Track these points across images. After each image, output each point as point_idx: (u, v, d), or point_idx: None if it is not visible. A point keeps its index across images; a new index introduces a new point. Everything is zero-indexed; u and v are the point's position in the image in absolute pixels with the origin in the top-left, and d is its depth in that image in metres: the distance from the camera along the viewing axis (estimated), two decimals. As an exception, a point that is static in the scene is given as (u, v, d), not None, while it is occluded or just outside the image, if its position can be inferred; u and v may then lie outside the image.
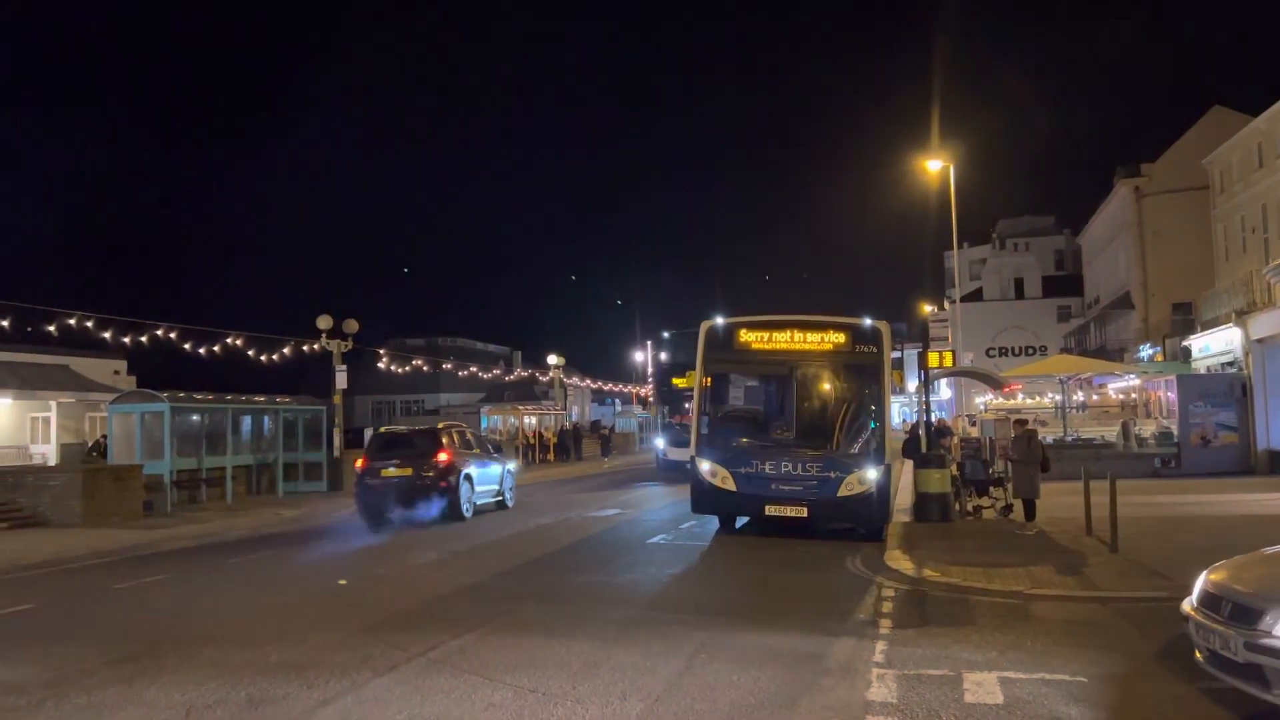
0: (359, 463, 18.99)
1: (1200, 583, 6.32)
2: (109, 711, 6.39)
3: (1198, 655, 6.07)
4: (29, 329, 24.36)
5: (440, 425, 20.58)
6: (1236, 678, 5.66)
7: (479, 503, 19.33)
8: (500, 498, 20.78)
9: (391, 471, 18.08)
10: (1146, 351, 38.47)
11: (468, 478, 18.63)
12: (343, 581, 11.52)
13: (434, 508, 17.64)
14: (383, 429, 23.40)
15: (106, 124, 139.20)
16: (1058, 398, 30.58)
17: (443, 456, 18.20)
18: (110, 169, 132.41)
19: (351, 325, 28.24)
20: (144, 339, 27.17)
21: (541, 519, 18.48)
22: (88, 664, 7.65)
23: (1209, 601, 6.03)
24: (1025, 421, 16.29)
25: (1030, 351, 56.16)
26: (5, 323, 23.37)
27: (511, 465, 22.43)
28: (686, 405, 27.05)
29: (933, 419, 21.71)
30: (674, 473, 26.41)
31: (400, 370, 45.71)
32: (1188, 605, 6.27)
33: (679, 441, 26.84)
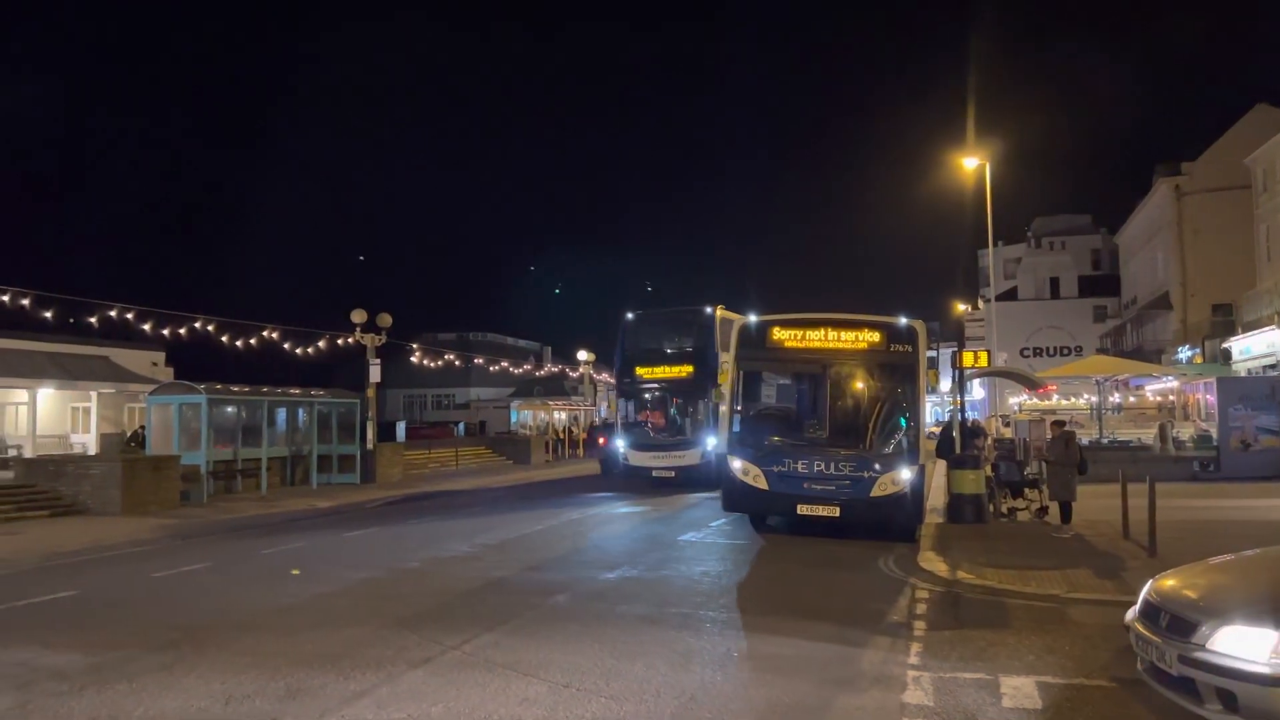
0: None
1: (1144, 592, 6.15)
2: (150, 698, 6.48)
3: (1139, 666, 5.91)
4: (71, 320, 24.79)
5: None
6: (1172, 691, 5.51)
7: None
8: None
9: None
10: (1185, 353, 37.90)
11: None
12: (375, 574, 11.62)
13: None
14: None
15: (149, 119, 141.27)
16: (1093, 399, 30.20)
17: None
18: (153, 165, 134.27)
19: (385, 319, 28.48)
20: (182, 331, 27.58)
21: (569, 514, 18.52)
22: (128, 651, 7.77)
23: (1149, 612, 5.85)
24: (1063, 423, 16.07)
25: (1065, 352, 55.54)
26: (49, 314, 23.79)
27: None
28: (647, 397, 24.75)
29: (967, 419, 21.53)
30: (637, 481, 24.04)
31: (432, 364, 46.00)
32: (1129, 615, 6.11)
33: (644, 444, 23.93)
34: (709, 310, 23.79)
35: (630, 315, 24.91)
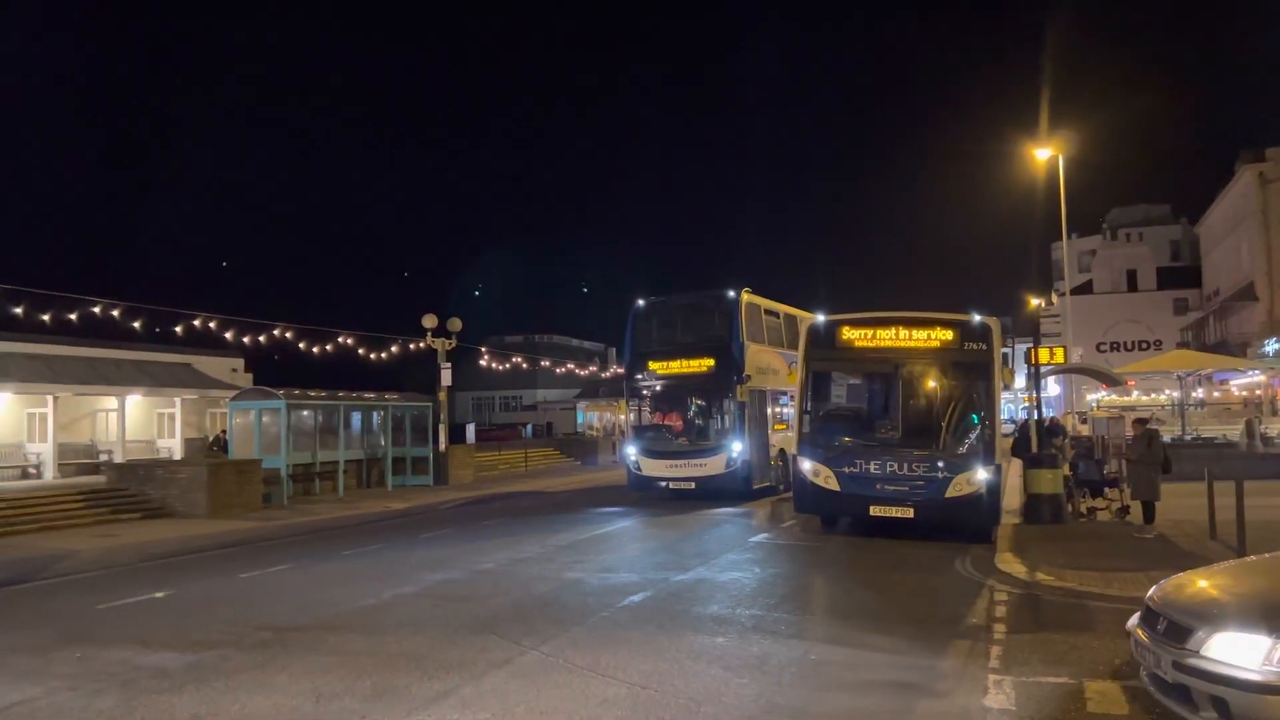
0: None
1: (1147, 597, 6.08)
2: (245, 695, 6.73)
3: (1141, 673, 5.84)
4: (157, 329, 25.74)
5: None
6: (1169, 698, 5.42)
7: None
8: None
9: None
10: (1272, 346, 36.54)
11: None
12: (452, 575, 11.84)
13: None
14: None
15: (232, 130, 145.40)
16: (1175, 394, 29.32)
17: None
18: (232, 180, 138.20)
19: (455, 324, 28.95)
20: (261, 338, 28.41)
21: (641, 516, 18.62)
22: (222, 650, 8.07)
23: (1148, 617, 5.77)
24: (1146, 420, 15.65)
25: (1144, 346, 53.93)
26: (136, 324, 24.74)
27: None
28: (661, 396, 21.36)
29: (1044, 417, 21.05)
30: (648, 493, 21.11)
31: (500, 367, 46.61)
32: (1132, 622, 6.01)
33: (658, 450, 20.68)
34: (732, 295, 20.69)
35: (641, 302, 21.74)
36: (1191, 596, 5.83)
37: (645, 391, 21.37)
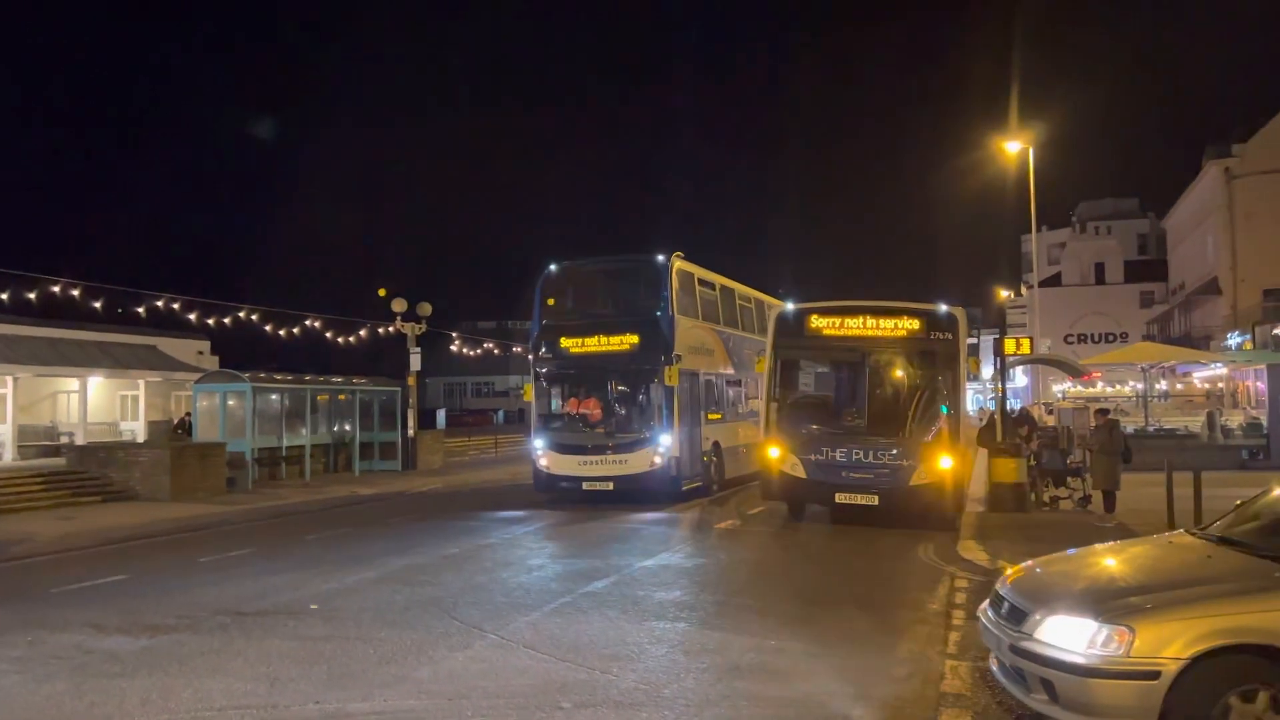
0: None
1: (996, 583, 6.17)
2: (199, 679, 6.65)
3: (990, 658, 5.92)
4: (119, 310, 25.35)
5: None
6: (1007, 680, 5.49)
7: None
8: None
9: None
10: (1235, 339, 37.08)
11: None
12: (417, 559, 11.76)
13: None
14: None
15: (190, 110, 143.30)
16: (1139, 386, 29.68)
17: None
18: (196, 158, 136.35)
19: (425, 308, 28.73)
20: (227, 320, 28.08)
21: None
22: (178, 635, 7.97)
23: (994, 602, 5.83)
24: (1107, 411, 15.85)
25: (1110, 338, 54.56)
26: (98, 304, 24.35)
27: None
28: (575, 379, 18.18)
29: (1015, 407, 21.22)
30: (555, 494, 17.69)
31: (472, 353, 46.37)
32: (983, 606, 6.05)
33: (569, 444, 17.37)
34: (661, 259, 17.58)
35: (553, 267, 18.38)
36: (1033, 581, 5.91)
37: (555, 373, 18.09)
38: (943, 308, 14.27)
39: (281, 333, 30.09)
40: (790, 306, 15.14)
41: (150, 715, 5.98)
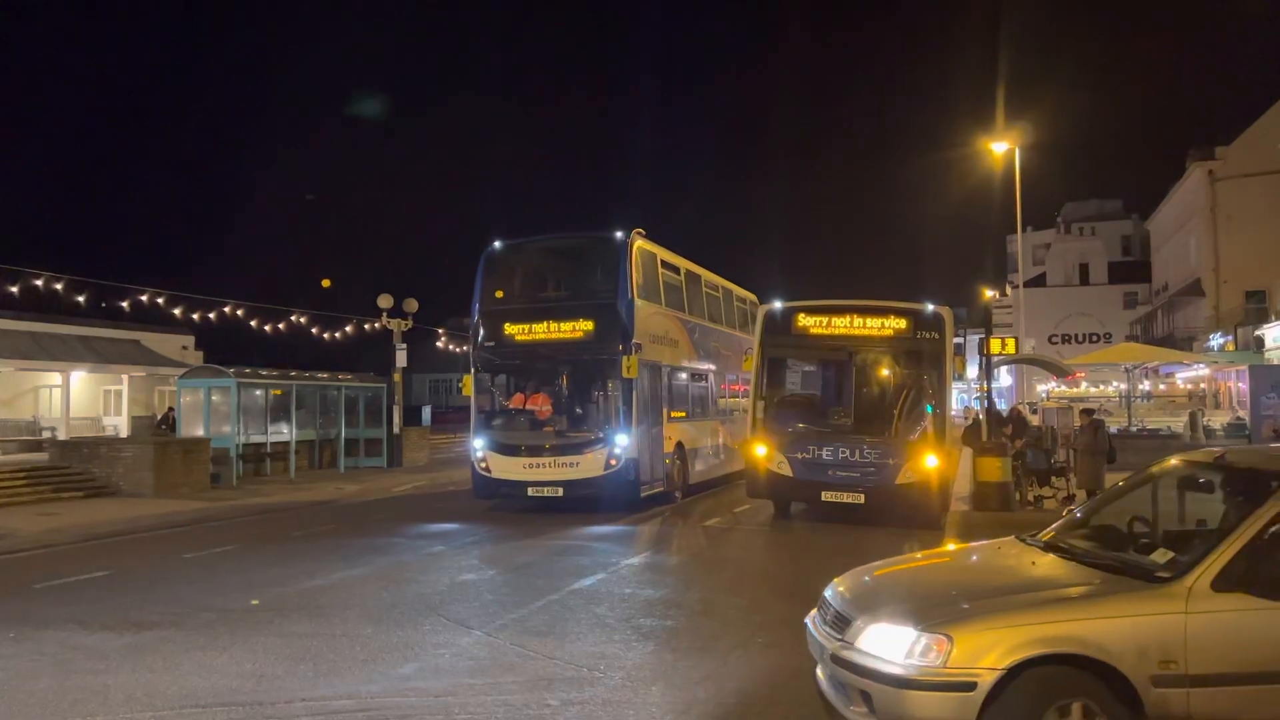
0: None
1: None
2: (184, 676, 6.61)
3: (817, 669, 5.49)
4: (103, 304, 25.20)
5: None
6: (833, 693, 5.10)
7: None
8: None
9: None
10: (1217, 340, 37.41)
11: None
12: (402, 557, 11.73)
13: None
14: None
15: (179, 103, 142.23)
16: (1123, 387, 29.90)
17: None
18: (181, 151, 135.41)
19: (411, 305, 28.65)
20: (212, 315, 27.95)
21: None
22: (162, 631, 7.93)
23: (821, 608, 5.51)
24: (1092, 411, 15.97)
25: (1094, 339, 54.92)
26: (81, 298, 24.20)
27: None
28: (521, 372, 16.40)
29: (1004, 406, 21.33)
30: (495, 498, 16.05)
31: (458, 349, 46.27)
32: (812, 613, 5.65)
33: (513, 444, 15.53)
34: (620, 237, 15.88)
35: (497, 245, 16.44)
36: (861, 587, 5.63)
37: (499, 364, 16.24)
38: (929, 307, 14.34)
39: (267, 328, 29.99)
40: (778, 305, 15.17)
41: (135, 712, 5.95)
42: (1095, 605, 4.72)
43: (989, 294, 64.40)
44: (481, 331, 16.06)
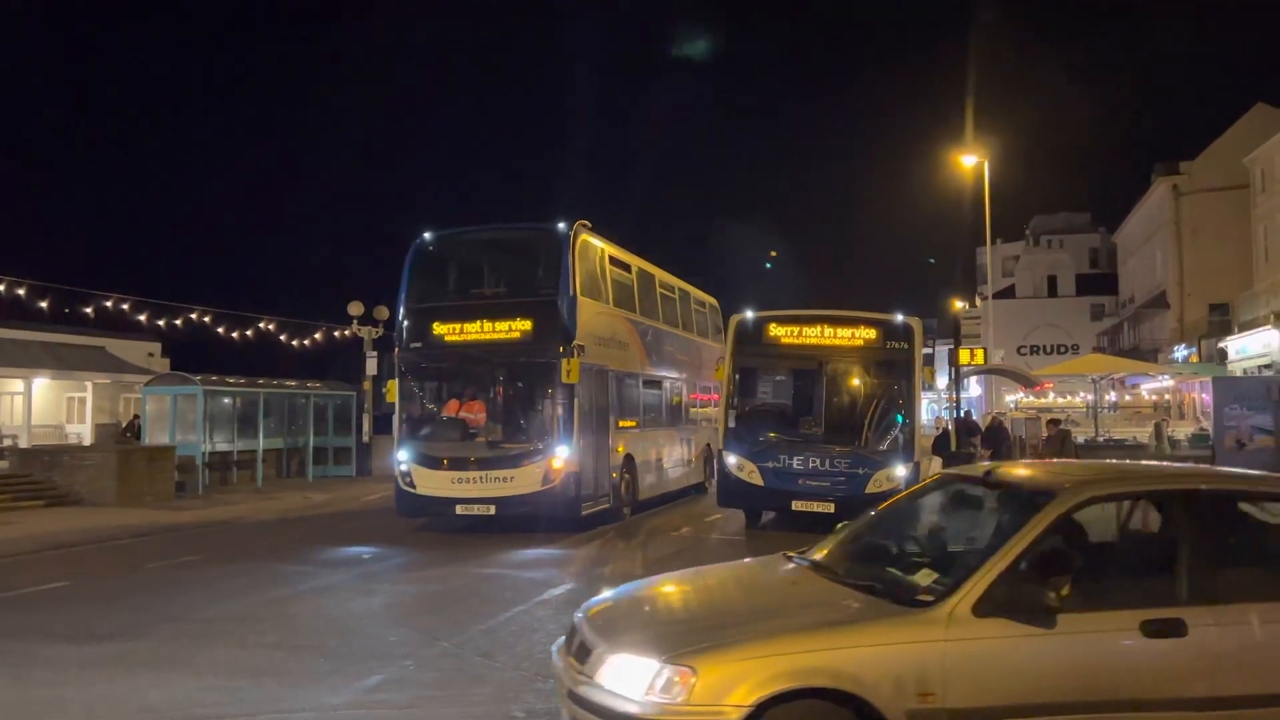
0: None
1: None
2: (146, 688, 6.50)
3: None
4: (67, 310, 24.84)
5: None
6: None
7: None
8: None
9: None
10: (1181, 352, 37.96)
11: None
12: (371, 568, 11.62)
13: None
14: None
15: (141, 106, 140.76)
16: (1090, 397, 30.24)
17: None
18: (147, 153, 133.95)
19: (382, 312, 28.41)
20: (178, 322, 27.61)
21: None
22: (124, 641, 7.79)
23: (570, 635, 4.92)
24: (1058, 421, 16.16)
25: (1062, 350, 55.58)
26: (44, 304, 23.84)
27: None
28: (450, 376, 15.08)
29: (977, 416, 21.47)
30: (421, 517, 14.82)
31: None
32: (559, 640, 5.13)
33: (440, 457, 14.09)
34: (562, 229, 14.54)
35: (427, 237, 15.12)
36: (612, 609, 5.08)
37: (427, 367, 14.93)
38: (899, 318, 14.46)
39: (235, 335, 29.65)
40: (749, 314, 15.21)
41: (93, 726, 5.83)
42: (853, 632, 4.29)
43: (959, 305, 65.11)
44: (407, 331, 14.73)
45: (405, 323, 14.81)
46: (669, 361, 19.18)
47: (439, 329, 14.59)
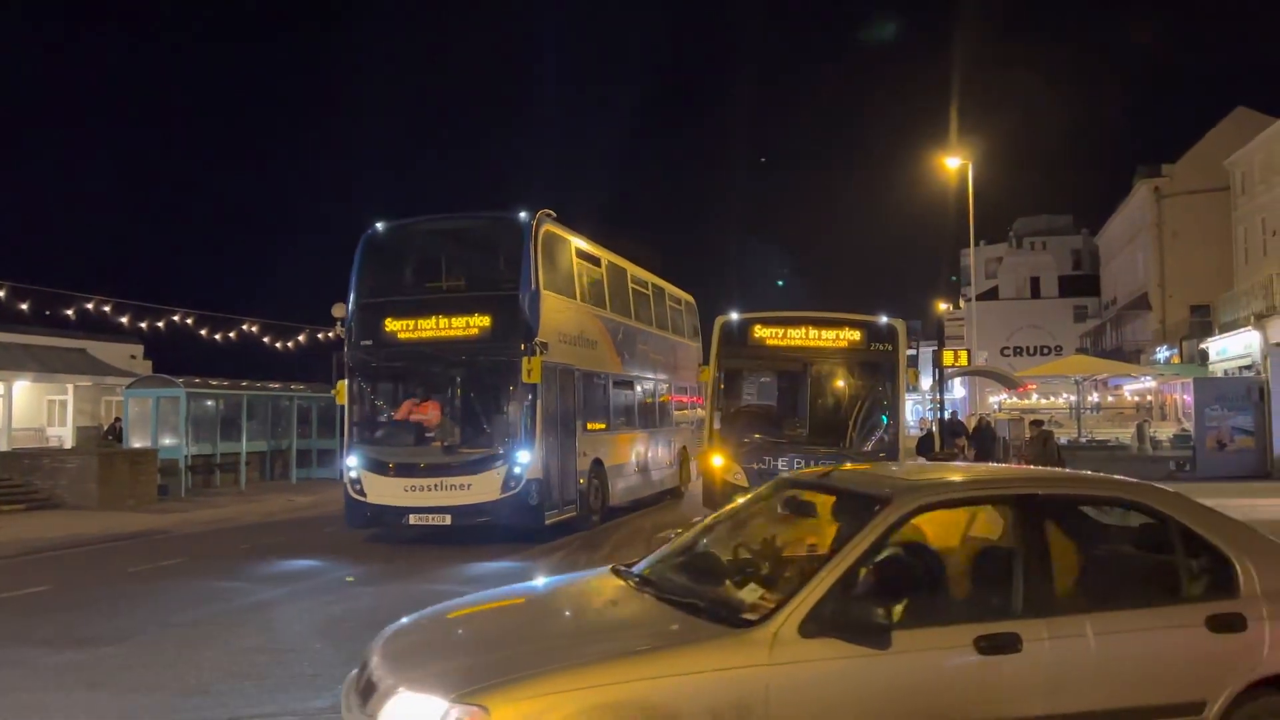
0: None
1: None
2: (126, 694, 6.45)
3: None
4: (47, 312, 24.67)
5: None
6: None
7: None
8: None
9: None
10: (1163, 353, 38.27)
11: None
12: (350, 579, 11.55)
13: None
14: None
15: (126, 107, 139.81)
16: (1072, 398, 30.45)
17: None
18: (130, 152, 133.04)
19: (367, 314, 28.35)
20: (160, 324, 27.44)
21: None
22: (105, 646, 7.73)
23: (362, 667, 4.27)
24: (1041, 423, 16.25)
25: (1045, 351, 55.94)
26: (24, 306, 23.65)
27: None
28: (402, 376, 14.26)
29: (962, 417, 21.55)
30: (371, 527, 13.97)
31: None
32: (349, 675, 4.42)
33: (392, 463, 13.24)
34: (524, 218, 13.73)
35: (379, 227, 14.22)
36: (411, 635, 4.54)
37: (378, 366, 14.03)
38: (883, 319, 14.53)
39: (218, 337, 29.47)
40: (734, 316, 15.25)
41: (73, 731, 5.78)
42: (668, 659, 3.76)
43: (942, 307, 65.44)
44: (357, 328, 13.85)
45: (355, 319, 13.91)
46: (642, 361, 18.50)
47: (391, 325, 13.72)
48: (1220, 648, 4.13)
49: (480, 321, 13.40)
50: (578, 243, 15.66)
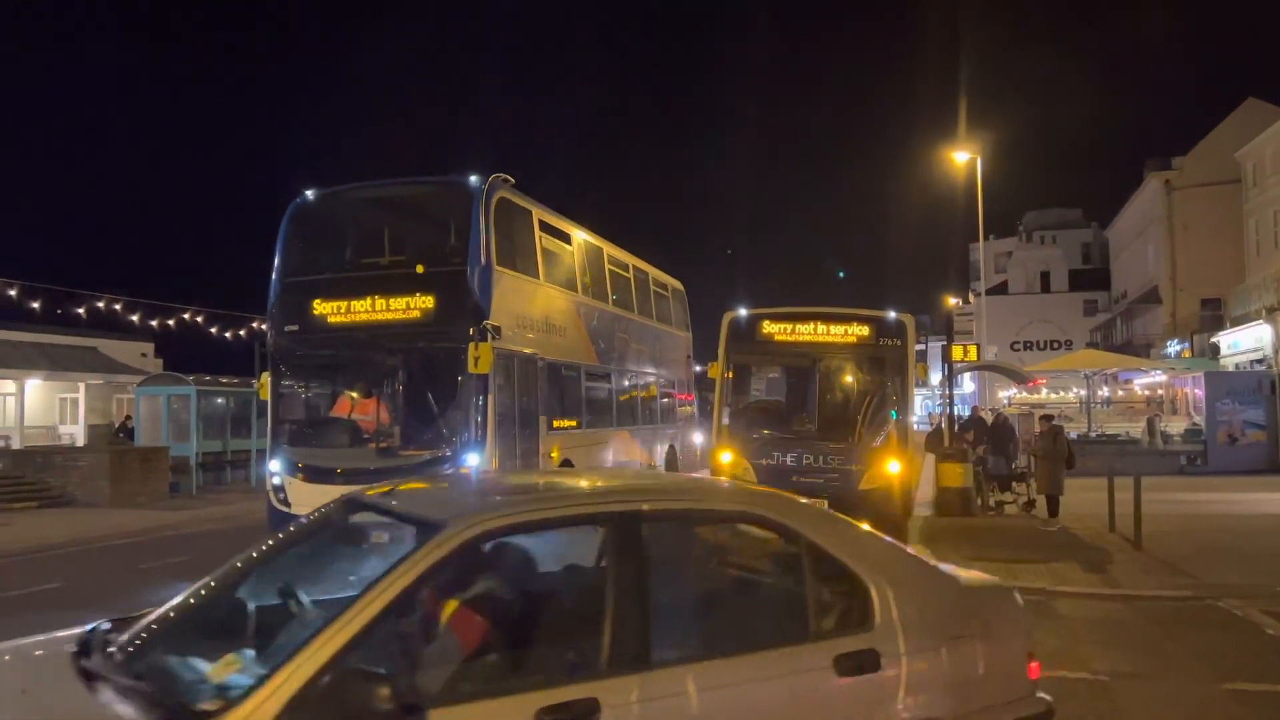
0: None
1: None
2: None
3: None
4: (59, 311, 24.82)
5: None
6: None
7: None
8: None
9: None
10: (1174, 347, 38.10)
11: None
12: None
13: None
14: None
15: (137, 103, 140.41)
16: (1082, 393, 30.34)
17: None
18: (141, 152, 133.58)
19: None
20: (171, 322, 27.56)
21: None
22: (115, 643, 7.75)
23: None
24: (1051, 417, 16.19)
25: (1055, 346, 55.75)
26: (36, 305, 23.79)
27: None
28: (333, 365, 12.49)
29: (971, 412, 21.48)
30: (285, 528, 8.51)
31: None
32: None
33: (322, 467, 11.32)
34: (473, 183, 11.83)
35: (309, 195, 12.39)
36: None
37: (305, 355, 12.19)
38: (892, 314, 14.47)
39: (228, 335, 29.59)
40: (742, 311, 15.20)
41: (84, 727, 5.79)
42: None
43: (952, 301, 65.24)
44: (281, 312, 11.99)
45: (278, 301, 12.07)
46: (622, 351, 16.88)
47: (320, 308, 11.71)
48: (850, 694, 3.35)
49: (422, 302, 11.43)
50: (542, 214, 13.81)
